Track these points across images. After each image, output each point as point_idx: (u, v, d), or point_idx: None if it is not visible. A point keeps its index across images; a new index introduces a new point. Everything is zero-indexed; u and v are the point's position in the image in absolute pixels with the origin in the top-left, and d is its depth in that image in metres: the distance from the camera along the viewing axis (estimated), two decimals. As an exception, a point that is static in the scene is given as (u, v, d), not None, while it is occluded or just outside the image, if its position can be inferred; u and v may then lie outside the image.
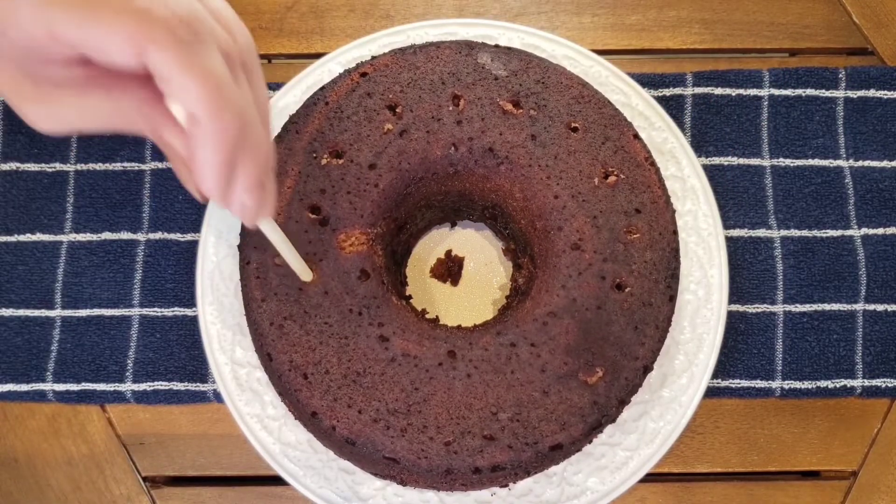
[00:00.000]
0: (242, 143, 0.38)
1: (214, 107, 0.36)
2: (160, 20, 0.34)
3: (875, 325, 0.65)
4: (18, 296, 0.65)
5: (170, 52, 0.34)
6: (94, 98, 0.38)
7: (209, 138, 0.36)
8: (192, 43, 0.35)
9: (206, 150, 0.37)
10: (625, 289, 0.55)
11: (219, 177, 0.38)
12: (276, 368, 0.54)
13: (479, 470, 0.52)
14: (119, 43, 0.34)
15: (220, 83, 0.36)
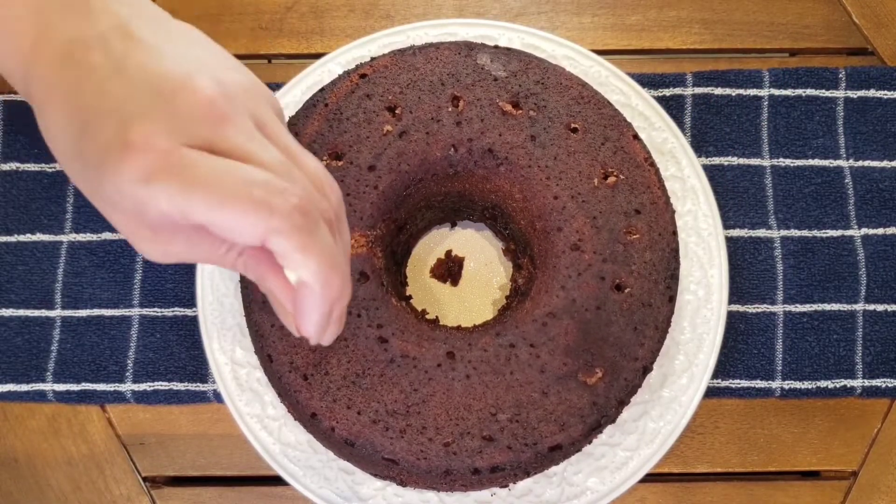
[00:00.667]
0: (340, 296, 0.42)
1: (327, 278, 0.40)
2: (280, 212, 0.38)
3: (875, 326, 0.65)
4: (18, 296, 0.65)
5: (289, 238, 0.39)
6: (206, 245, 0.42)
7: (319, 300, 0.41)
8: (306, 227, 0.39)
9: (314, 309, 0.41)
10: (624, 289, 0.55)
11: (321, 325, 0.42)
12: (276, 369, 0.54)
13: (478, 471, 0.52)
14: (245, 230, 0.38)
15: (331, 260, 0.41)
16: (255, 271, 0.44)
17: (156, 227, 0.40)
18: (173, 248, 0.42)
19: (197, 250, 0.42)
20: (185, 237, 0.41)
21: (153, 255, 0.42)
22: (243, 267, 0.44)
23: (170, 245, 0.41)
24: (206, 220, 0.38)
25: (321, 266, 0.40)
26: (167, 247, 0.41)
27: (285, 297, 0.43)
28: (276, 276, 0.43)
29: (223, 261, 0.43)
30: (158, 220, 0.39)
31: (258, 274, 0.44)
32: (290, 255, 0.39)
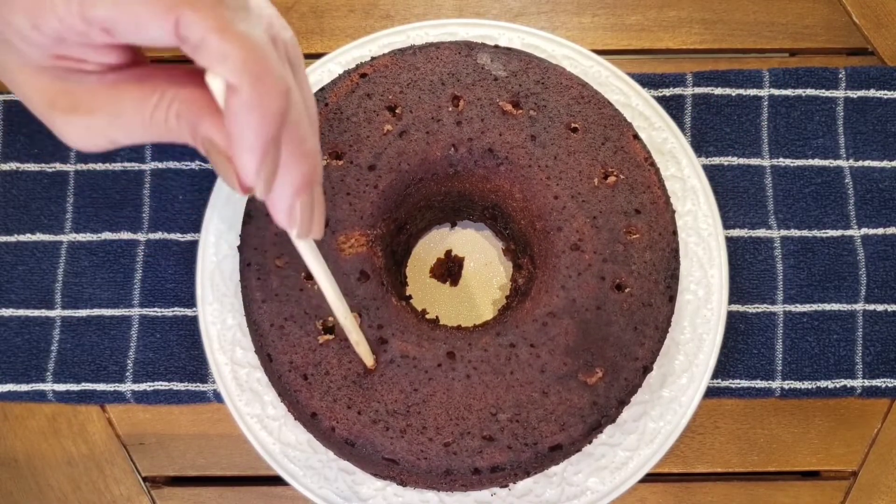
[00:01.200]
0: (286, 125, 0.36)
1: (255, 72, 0.33)
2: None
3: (875, 325, 0.65)
4: (18, 296, 0.65)
5: (208, 15, 0.32)
6: (132, 98, 0.37)
7: (250, 109, 0.34)
8: (232, 8, 0.33)
9: (246, 125, 0.34)
10: (624, 289, 0.55)
11: (261, 158, 0.35)
12: (276, 369, 0.54)
13: (478, 470, 0.52)
14: (154, 13, 0.33)
15: (262, 51, 0.34)
16: (188, 119, 0.37)
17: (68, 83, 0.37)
18: (96, 119, 0.37)
19: (124, 119, 0.37)
20: (107, 99, 0.37)
21: (76, 136, 0.38)
22: (176, 118, 0.37)
23: (92, 114, 0.37)
24: (107, 14, 0.33)
25: (246, 54, 0.33)
26: (90, 117, 0.37)
27: (220, 134, 0.36)
28: (212, 116, 0.36)
29: (154, 120, 0.37)
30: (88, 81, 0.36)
31: (192, 120, 0.37)
32: (207, 41, 0.33)
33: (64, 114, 0.37)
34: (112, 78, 0.37)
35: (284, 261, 0.55)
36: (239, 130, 0.34)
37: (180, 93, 0.37)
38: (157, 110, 0.37)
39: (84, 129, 0.38)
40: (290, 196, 0.38)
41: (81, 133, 0.38)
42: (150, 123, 0.37)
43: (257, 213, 0.56)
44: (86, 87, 0.37)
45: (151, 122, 0.37)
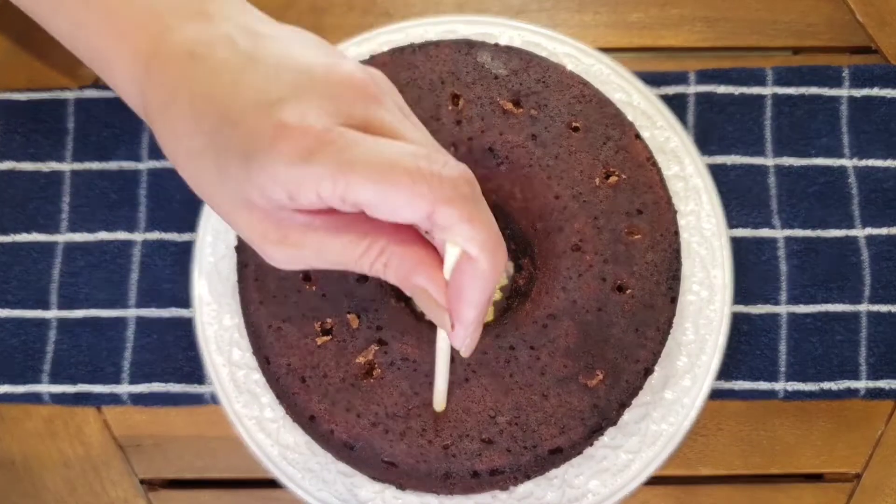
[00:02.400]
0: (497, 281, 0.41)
1: (494, 251, 0.39)
2: (448, 181, 0.37)
3: (879, 326, 0.65)
4: (14, 296, 0.65)
5: (458, 208, 0.37)
6: (341, 242, 0.40)
7: (486, 279, 0.39)
8: (473, 198, 0.38)
9: (480, 289, 0.40)
10: (626, 290, 0.55)
11: (482, 311, 0.41)
12: (273, 371, 0.54)
13: (477, 473, 0.52)
14: (412, 203, 0.37)
15: (497, 235, 0.39)
16: (399, 269, 0.41)
17: (281, 222, 0.40)
18: (303, 252, 0.41)
19: (329, 252, 0.41)
20: (317, 239, 0.40)
21: (280, 261, 0.42)
22: (383, 266, 0.41)
23: (300, 248, 0.41)
24: (368, 199, 0.37)
25: (490, 237, 0.39)
26: (297, 250, 0.41)
27: (439, 290, 0.41)
28: (427, 269, 0.41)
29: (361, 262, 0.41)
30: (299, 220, 0.40)
31: (404, 271, 0.41)
32: (457, 226, 0.38)
33: (273, 245, 0.41)
34: (321, 222, 0.40)
35: (282, 261, 0.54)
36: (470, 292, 0.40)
37: (392, 247, 0.41)
38: (365, 256, 0.41)
39: (290, 257, 0.41)
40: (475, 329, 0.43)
41: (287, 259, 0.42)
42: (355, 265, 0.41)
43: (255, 213, 0.56)
44: (296, 228, 0.40)
45: (357, 264, 0.41)
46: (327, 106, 0.38)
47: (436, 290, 0.41)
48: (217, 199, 0.41)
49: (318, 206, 0.38)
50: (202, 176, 0.41)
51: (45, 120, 0.67)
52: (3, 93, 0.68)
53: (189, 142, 0.41)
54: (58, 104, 0.67)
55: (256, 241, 0.41)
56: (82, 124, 0.67)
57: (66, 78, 0.69)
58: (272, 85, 0.39)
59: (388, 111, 0.40)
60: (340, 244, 0.40)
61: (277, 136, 0.37)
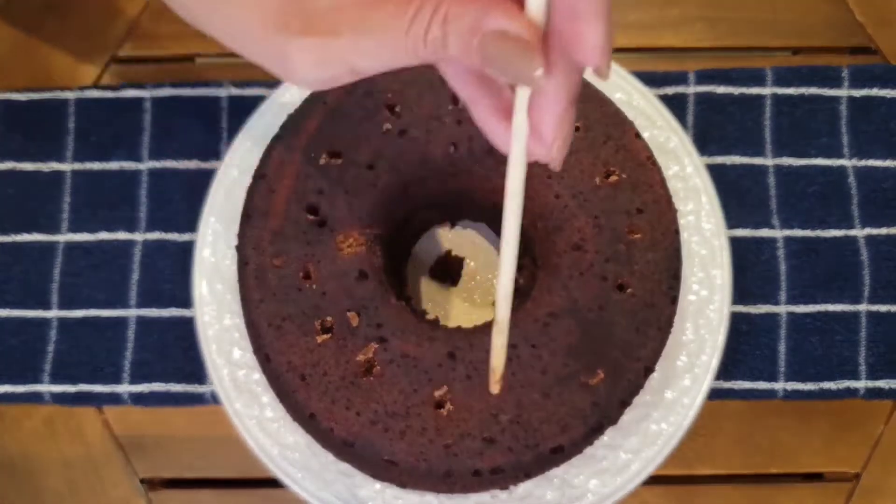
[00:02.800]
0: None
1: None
2: None
3: (878, 326, 0.65)
4: (14, 296, 0.65)
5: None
6: (385, 10, 0.33)
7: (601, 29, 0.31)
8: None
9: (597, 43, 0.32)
10: (626, 289, 0.55)
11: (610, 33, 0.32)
12: (273, 369, 0.54)
13: (478, 472, 0.52)
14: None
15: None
16: (462, 20, 0.32)
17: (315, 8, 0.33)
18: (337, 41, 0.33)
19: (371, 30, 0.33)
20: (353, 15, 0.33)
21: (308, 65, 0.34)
22: (441, 25, 0.32)
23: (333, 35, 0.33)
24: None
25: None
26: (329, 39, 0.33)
27: (522, 25, 0.31)
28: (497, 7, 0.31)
29: (412, 31, 0.32)
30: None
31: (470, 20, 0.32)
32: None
33: (298, 36, 0.33)
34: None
35: (282, 260, 0.54)
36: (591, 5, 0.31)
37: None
38: (416, 21, 0.32)
39: (320, 56, 0.34)
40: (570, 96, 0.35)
41: (317, 60, 0.34)
42: (406, 38, 0.32)
43: (255, 212, 0.56)
44: (326, 3, 0.33)
45: (408, 36, 0.32)
46: None
47: (520, 26, 0.31)
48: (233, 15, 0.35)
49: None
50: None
51: (46, 120, 0.67)
52: (4, 93, 0.68)
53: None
54: (58, 104, 0.68)
55: (273, 38, 0.34)
56: (83, 124, 0.67)
57: (66, 78, 0.69)
58: None
59: None
60: (384, 15, 0.32)
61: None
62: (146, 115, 0.67)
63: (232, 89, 0.68)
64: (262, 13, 0.33)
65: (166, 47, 0.69)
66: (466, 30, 0.32)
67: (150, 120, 0.67)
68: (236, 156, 0.63)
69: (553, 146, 0.35)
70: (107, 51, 0.69)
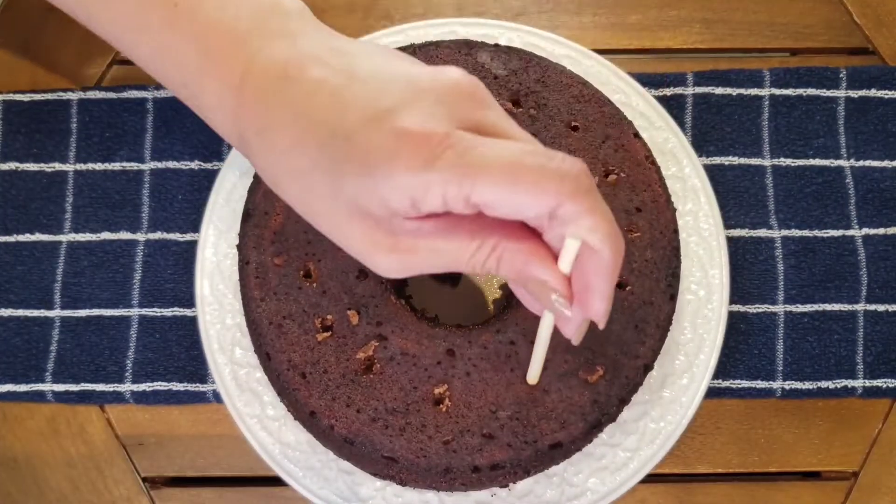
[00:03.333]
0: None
1: (617, 240, 0.40)
2: (571, 176, 0.38)
3: (876, 326, 0.65)
4: (17, 296, 0.65)
5: (580, 201, 0.38)
6: (453, 244, 0.40)
7: (611, 269, 0.40)
8: (592, 190, 0.39)
9: (605, 278, 0.40)
10: (625, 287, 0.55)
11: (609, 300, 0.41)
12: (274, 368, 0.54)
13: (478, 469, 0.52)
14: (539, 202, 0.38)
15: (615, 223, 0.40)
16: (513, 263, 0.41)
17: (392, 229, 0.40)
18: (414, 257, 0.41)
19: (441, 254, 0.41)
20: (428, 242, 0.40)
21: (390, 269, 0.42)
22: (496, 262, 0.41)
23: (411, 253, 0.41)
24: (493, 199, 0.37)
25: (611, 228, 0.39)
26: (408, 255, 0.41)
27: (558, 280, 0.41)
28: (542, 261, 0.41)
29: (472, 260, 0.41)
30: (409, 226, 0.40)
31: (518, 264, 0.41)
32: (580, 219, 0.38)
33: (384, 253, 0.41)
34: (431, 226, 0.40)
35: (283, 259, 0.55)
36: (598, 283, 0.41)
37: (504, 243, 0.41)
38: (477, 255, 0.41)
39: (400, 264, 0.41)
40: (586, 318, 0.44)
41: (397, 267, 0.42)
42: (466, 264, 0.41)
43: (256, 211, 0.56)
44: (406, 234, 0.40)
45: (468, 263, 0.41)
46: (441, 111, 0.39)
47: (555, 280, 0.41)
48: (326, 214, 0.42)
49: (439, 210, 0.38)
50: (310, 194, 0.41)
51: (49, 121, 0.68)
52: (7, 94, 0.68)
53: (294, 162, 0.41)
54: (61, 105, 0.68)
55: (367, 251, 0.41)
56: (85, 125, 0.68)
57: (69, 79, 0.69)
58: (381, 96, 0.39)
59: (496, 113, 0.41)
60: (453, 245, 0.40)
61: (399, 144, 0.37)
62: (148, 116, 0.68)
63: (233, 90, 0.68)
64: (358, 234, 0.41)
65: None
66: (514, 272, 0.41)
67: (152, 120, 0.67)
68: (238, 156, 0.63)
69: (573, 337, 0.45)
70: (109, 52, 0.70)
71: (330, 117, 0.40)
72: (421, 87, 0.40)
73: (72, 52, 0.70)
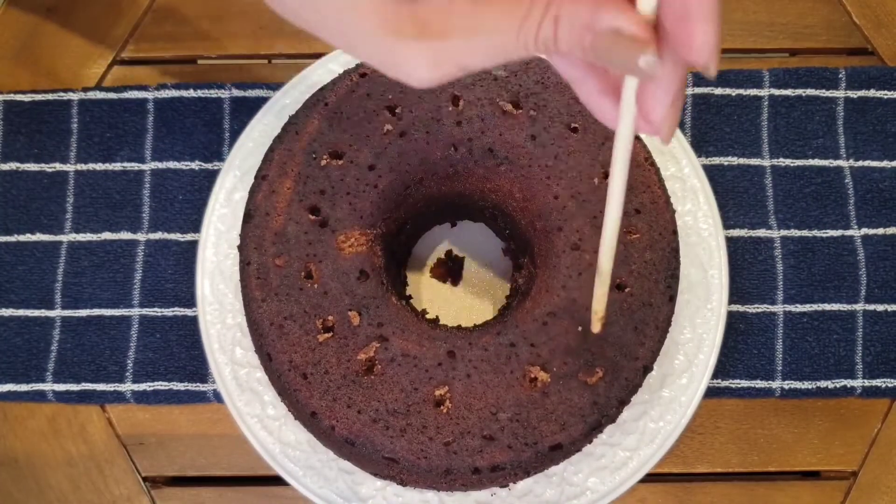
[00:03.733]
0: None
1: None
2: None
3: (875, 326, 0.65)
4: (18, 296, 0.65)
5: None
6: (497, 10, 0.33)
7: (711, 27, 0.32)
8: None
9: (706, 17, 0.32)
10: (625, 289, 0.55)
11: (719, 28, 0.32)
12: (275, 368, 0.54)
13: (478, 470, 0.52)
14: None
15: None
16: (575, 18, 0.32)
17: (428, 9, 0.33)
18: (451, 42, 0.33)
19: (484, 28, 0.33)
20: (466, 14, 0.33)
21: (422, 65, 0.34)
22: (552, 27, 0.32)
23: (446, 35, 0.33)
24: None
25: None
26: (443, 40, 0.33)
27: (638, 25, 0.32)
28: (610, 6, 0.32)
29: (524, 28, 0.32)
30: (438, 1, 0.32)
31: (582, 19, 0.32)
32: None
33: (412, 40, 0.34)
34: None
35: (284, 260, 0.55)
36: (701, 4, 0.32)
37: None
38: (528, 20, 0.32)
39: (432, 56, 0.34)
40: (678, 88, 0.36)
41: (428, 61, 0.34)
42: (518, 37, 0.33)
43: (257, 212, 0.56)
44: (438, 6, 0.33)
45: (519, 35, 0.33)
46: None
47: (632, 24, 0.32)
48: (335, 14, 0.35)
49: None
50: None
51: (49, 121, 0.68)
52: (8, 94, 0.68)
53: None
54: (62, 105, 0.68)
55: (386, 42, 0.34)
56: (86, 125, 0.68)
57: (69, 80, 0.69)
58: None
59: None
60: (496, 15, 0.33)
61: None
62: (149, 117, 0.68)
63: (234, 90, 0.68)
64: (376, 18, 0.34)
65: (169, 49, 0.70)
66: (578, 29, 0.32)
67: (152, 121, 0.68)
68: (238, 156, 0.63)
69: (663, 127, 0.36)
70: (110, 52, 0.70)
71: None
72: None
73: (72, 53, 0.70)
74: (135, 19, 0.70)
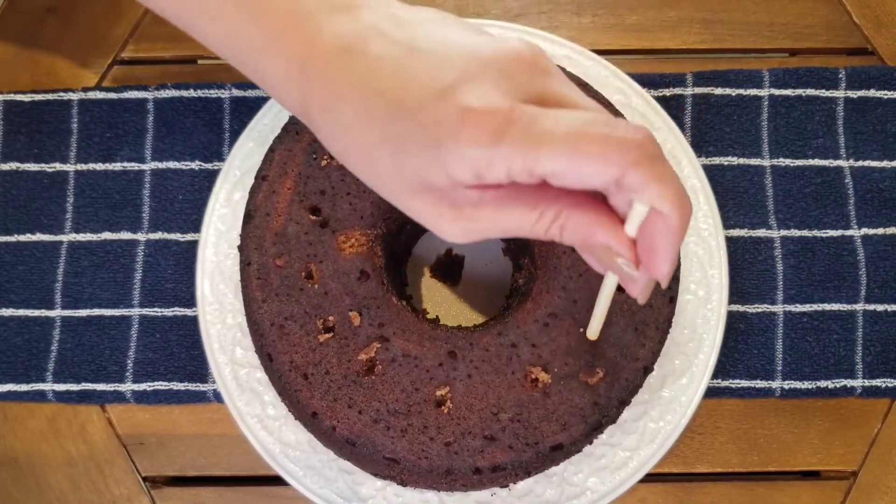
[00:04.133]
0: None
1: (684, 205, 0.39)
2: (636, 144, 0.37)
3: (875, 325, 0.65)
4: (18, 296, 0.65)
5: (647, 168, 0.37)
6: (516, 212, 0.41)
7: (676, 231, 0.40)
8: (659, 157, 0.39)
9: (671, 243, 0.40)
10: (625, 290, 0.55)
11: (674, 263, 0.41)
12: (276, 369, 0.54)
13: (479, 470, 0.52)
14: (604, 171, 0.37)
15: (683, 188, 0.40)
16: (577, 230, 0.41)
17: (455, 201, 0.41)
18: (477, 225, 0.41)
19: (504, 222, 0.41)
20: (491, 212, 0.41)
21: (455, 235, 0.42)
22: (559, 229, 0.41)
23: (473, 222, 0.41)
24: (557, 170, 0.37)
25: (679, 193, 0.39)
26: (471, 224, 0.41)
27: (623, 245, 0.41)
28: (606, 227, 0.41)
29: (536, 227, 0.41)
30: (472, 196, 0.40)
31: (583, 231, 0.41)
32: (647, 186, 0.38)
33: (450, 222, 0.41)
34: (492, 196, 0.40)
35: (284, 260, 0.55)
36: (664, 246, 0.40)
37: (567, 211, 0.41)
38: (539, 223, 0.41)
39: (465, 231, 0.42)
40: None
41: (462, 233, 0.42)
42: (530, 231, 0.41)
43: (257, 213, 0.56)
44: (469, 203, 0.41)
45: (532, 230, 0.41)
46: (504, 84, 0.39)
47: (621, 246, 0.41)
48: (393, 187, 0.42)
49: (504, 181, 0.39)
50: (377, 167, 0.41)
51: (49, 121, 0.68)
52: (8, 94, 0.68)
53: (361, 138, 0.41)
54: (62, 105, 0.68)
55: (432, 221, 0.42)
56: (86, 125, 0.68)
57: (69, 79, 0.69)
58: (443, 71, 0.39)
59: (559, 81, 0.41)
60: (514, 215, 0.41)
61: (463, 121, 0.38)
62: (149, 116, 0.68)
63: (234, 90, 0.68)
64: (425, 203, 0.41)
65: (169, 49, 0.70)
66: (579, 240, 0.41)
67: (152, 121, 0.68)
68: (238, 156, 0.63)
69: (641, 297, 0.44)
70: (110, 52, 0.70)
71: (393, 92, 0.40)
72: (483, 60, 0.39)
73: (72, 53, 0.70)
74: (135, 19, 0.70)
